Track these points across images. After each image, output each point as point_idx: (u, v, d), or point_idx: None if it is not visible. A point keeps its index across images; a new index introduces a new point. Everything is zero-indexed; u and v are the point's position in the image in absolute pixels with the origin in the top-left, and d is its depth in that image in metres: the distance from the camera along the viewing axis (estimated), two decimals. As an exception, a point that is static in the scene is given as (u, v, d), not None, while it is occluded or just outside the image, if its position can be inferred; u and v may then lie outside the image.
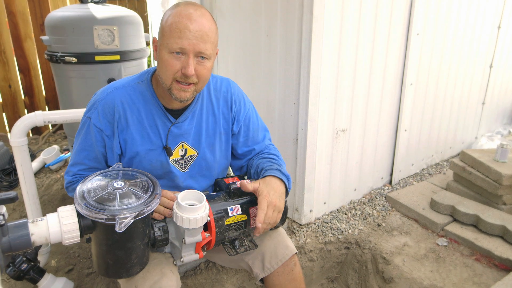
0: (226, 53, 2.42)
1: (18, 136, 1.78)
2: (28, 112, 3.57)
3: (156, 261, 1.23)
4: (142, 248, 1.08)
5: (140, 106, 1.24)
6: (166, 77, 1.14)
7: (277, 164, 1.33)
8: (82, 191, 1.02)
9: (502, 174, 2.10)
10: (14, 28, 3.33)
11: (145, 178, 1.10)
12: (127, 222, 0.95)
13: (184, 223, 1.07)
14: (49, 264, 2.02)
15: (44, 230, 0.95)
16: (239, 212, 1.22)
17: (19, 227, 0.93)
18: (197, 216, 1.07)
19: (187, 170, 1.33)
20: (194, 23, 1.09)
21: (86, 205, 0.96)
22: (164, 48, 1.12)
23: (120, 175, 1.11)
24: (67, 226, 0.97)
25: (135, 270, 1.10)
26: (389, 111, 2.42)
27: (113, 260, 1.05)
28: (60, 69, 2.72)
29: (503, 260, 1.83)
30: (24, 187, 1.85)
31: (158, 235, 1.13)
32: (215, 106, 1.34)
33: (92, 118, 1.22)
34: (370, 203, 2.42)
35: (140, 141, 1.24)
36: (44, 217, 0.98)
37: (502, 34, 3.10)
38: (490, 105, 3.36)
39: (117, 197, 1.00)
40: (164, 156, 1.27)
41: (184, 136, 1.29)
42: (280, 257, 1.32)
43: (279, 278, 1.33)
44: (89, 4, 2.68)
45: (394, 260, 1.90)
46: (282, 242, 1.35)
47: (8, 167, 2.75)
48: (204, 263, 1.76)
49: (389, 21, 2.17)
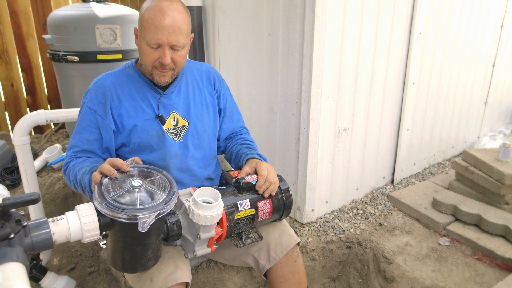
0: (228, 52, 2.42)
1: (20, 135, 1.78)
2: (30, 111, 3.58)
3: (169, 254, 1.29)
4: (158, 243, 1.11)
5: (130, 85, 1.37)
6: (147, 64, 1.30)
7: (254, 149, 1.50)
8: (101, 189, 1.03)
9: (504, 174, 2.09)
10: (17, 27, 3.34)
11: (160, 176, 1.13)
12: (149, 222, 0.96)
13: (201, 220, 1.11)
14: (51, 263, 2.03)
15: (65, 229, 0.96)
16: (248, 206, 1.27)
17: (40, 226, 0.93)
18: (213, 214, 1.11)
19: (181, 140, 1.42)
20: (168, 18, 1.22)
21: (107, 205, 0.97)
22: (143, 40, 1.26)
23: (136, 173, 1.12)
24: (87, 224, 0.98)
25: (150, 264, 1.13)
26: (391, 110, 2.42)
27: (130, 256, 1.07)
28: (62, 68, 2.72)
29: (505, 259, 1.82)
30: (27, 185, 1.85)
31: (171, 229, 1.16)
32: (199, 82, 1.49)
33: (87, 102, 1.35)
34: (372, 202, 2.41)
35: (134, 113, 1.35)
36: (63, 216, 0.98)
37: (505, 33, 3.09)
38: (493, 104, 3.35)
39: (137, 196, 1.01)
40: (158, 124, 1.37)
41: (174, 106, 1.41)
42: (285, 245, 1.39)
43: (283, 269, 1.38)
44: (91, 3, 2.68)
45: (396, 259, 1.90)
46: (287, 231, 1.44)
47: (11, 165, 2.76)
48: (206, 262, 1.77)
49: (391, 20, 2.16)
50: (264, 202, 1.31)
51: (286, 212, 1.38)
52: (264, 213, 1.32)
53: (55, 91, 3.63)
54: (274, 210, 1.34)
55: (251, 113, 2.34)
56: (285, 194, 1.37)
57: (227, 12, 2.33)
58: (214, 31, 2.49)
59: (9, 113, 3.48)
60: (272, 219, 1.38)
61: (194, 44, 2.50)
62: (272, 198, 1.33)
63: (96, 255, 2.21)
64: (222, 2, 2.35)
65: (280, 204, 1.36)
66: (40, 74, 3.56)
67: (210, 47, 2.59)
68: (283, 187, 1.38)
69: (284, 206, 1.36)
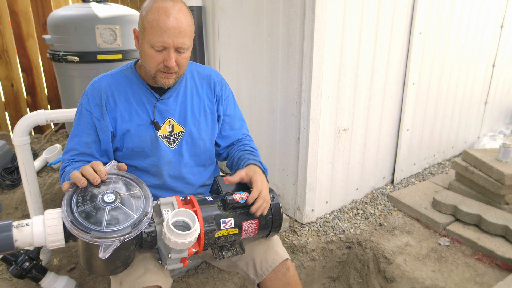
0: (228, 52, 2.42)
1: (20, 135, 1.78)
2: (30, 111, 3.58)
3: (141, 257, 1.25)
4: (127, 255, 1.06)
5: (126, 88, 1.33)
6: (150, 68, 1.25)
7: (257, 156, 1.42)
8: (70, 198, 0.97)
9: (504, 174, 2.09)
10: (17, 27, 3.34)
11: (138, 191, 1.05)
12: (113, 247, 0.91)
13: (172, 245, 1.03)
14: (51, 263, 2.02)
15: (27, 236, 0.93)
16: (232, 225, 1.18)
17: (2, 231, 0.91)
18: (185, 241, 1.02)
19: (175, 146, 1.38)
20: (173, 20, 1.17)
21: (72, 222, 0.92)
22: (146, 43, 1.21)
23: (112, 182, 1.05)
24: (51, 236, 0.94)
25: (119, 270, 1.09)
26: (391, 110, 2.42)
27: (96, 264, 1.03)
28: (62, 68, 2.72)
29: (505, 260, 1.82)
30: (27, 185, 1.85)
31: (145, 240, 1.09)
32: (199, 87, 1.43)
33: (83, 103, 1.32)
34: (372, 202, 2.41)
35: (128, 118, 1.31)
36: (29, 221, 0.95)
37: (505, 33, 3.09)
38: (493, 104, 3.35)
39: (105, 215, 0.95)
40: (153, 130, 1.33)
41: (170, 112, 1.36)
42: (270, 263, 1.31)
43: (272, 283, 1.31)
44: (91, 3, 2.68)
45: (396, 259, 1.90)
46: (272, 248, 1.35)
47: (11, 166, 2.75)
48: (206, 262, 1.77)
49: (391, 20, 2.16)
50: (250, 222, 1.20)
51: (275, 231, 1.28)
52: (248, 233, 1.22)
53: (55, 91, 3.62)
54: (260, 229, 1.24)
55: (251, 113, 2.34)
56: (275, 215, 1.26)
57: (227, 12, 2.33)
58: (214, 31, 2.49)
59: (9, 113, 3.47)
60: (257, 237, 1.29)
61: (194, 44, 2.48)
62: (259, 218, 1.23)
63: (96, 255, 2.20)
64: (222, 2, 2.35)
65: (268, 225, 1.26)
66: (40, 74, 3.55)
67: (210, 47, 2.59)
68: (274, 207, 1.26)
69: (271, 227, 1.27)
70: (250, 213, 1.21)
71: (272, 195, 1.29)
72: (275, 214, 1.26)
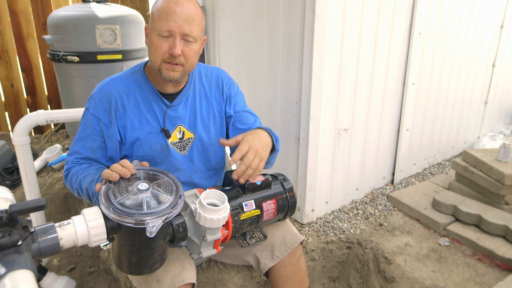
0: (228, 52, 2.42)
1: (20, 135, 1.78)
2: (30, 111, 3.58)
3: (175, 255, 1.27)
4: (164, 246, 1.11)
5: (136, 93, 1.30)
6: (155, 58, 1.21)
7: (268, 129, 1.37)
8: (107, 193, 1.01)
9: (504, 174, 2.09)
10: (17, 27, 3.34)
11: (166, 179, 1.11)
12: (157, 226, 0.95)
13: (207, 223, 1.10)
14: (51, 263, 2.03)
15: (72, 234, 0.95)
16: (253, 207, 1.27)
17: (47, 232, 0.91)
18: (219, 217, 1.10)
19: (186, 153, 1.37)
20: (180, 7, 1.17)
21: (114, 210, 0.96)
22: (154, 31, 1.20)
23: (142, 175, 1.10)
24: (94, 229, 0.96)
25: (157, 266, 1.13)
26: (391, 110, 2.42)
27: (136, 259, 1.07)
28: (62, 68, 2.72)
29: (505, 260, 1.82)
30: (27, 186, 1.85)
31: (177, 231, 1.15)
32: (207, 91, 1.42)
33: (90, 108, 1.29)
34: (372, 202, 2.41)
35: (138, 126, 1.30)
36: (70, 220, 0.97)
37: (505, 33, 3.09)
38: (493, 104, 3.35)
39: (144, 200, 1.00)
40: (163, 138, 1.32)
41: (181, 119, 1.35)
42: (289, 244, 1.38)
43: (286, 268, 1.37)
44: (91, 3, 2.68)
45: (396, 259, 1.90)
46: (290, 230, 1.42)
47: (11, 166, 2.76)
48: (206, 262, 1.76)
49: (391, 20, 2.16)
50: (269, 203, 1.31)
51: (291, 211, 1.38)
52: (269, 213, 1.32)
53: (55, 91, 3.63)
54: (278, 210, 1.34)
55: (251, 113, 2.34)
56: (289, 193, 1.36)
57: (227, 12, 2.33)
58: (214, 31, 2.49)
59: (9, 114, 3.48)
60: (276, 219, 1.39)
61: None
62: (277, 198, 1.33)
63: (96, 255, 2.21)
64: (222, 2, 2.35)
65: (285, 204, 1.35)
66: (40, 74, 3.56)
67: (210, 47, 2.59)
68: (287, 186, 1.37)
69: (288, 206, 1.36)
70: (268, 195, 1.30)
71: (284, 177, 1.38)
72: (288, 191, 1.36)
